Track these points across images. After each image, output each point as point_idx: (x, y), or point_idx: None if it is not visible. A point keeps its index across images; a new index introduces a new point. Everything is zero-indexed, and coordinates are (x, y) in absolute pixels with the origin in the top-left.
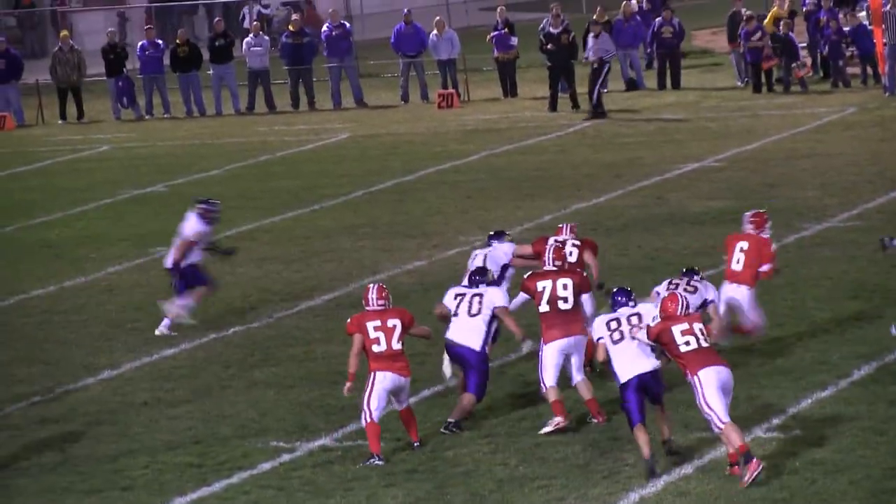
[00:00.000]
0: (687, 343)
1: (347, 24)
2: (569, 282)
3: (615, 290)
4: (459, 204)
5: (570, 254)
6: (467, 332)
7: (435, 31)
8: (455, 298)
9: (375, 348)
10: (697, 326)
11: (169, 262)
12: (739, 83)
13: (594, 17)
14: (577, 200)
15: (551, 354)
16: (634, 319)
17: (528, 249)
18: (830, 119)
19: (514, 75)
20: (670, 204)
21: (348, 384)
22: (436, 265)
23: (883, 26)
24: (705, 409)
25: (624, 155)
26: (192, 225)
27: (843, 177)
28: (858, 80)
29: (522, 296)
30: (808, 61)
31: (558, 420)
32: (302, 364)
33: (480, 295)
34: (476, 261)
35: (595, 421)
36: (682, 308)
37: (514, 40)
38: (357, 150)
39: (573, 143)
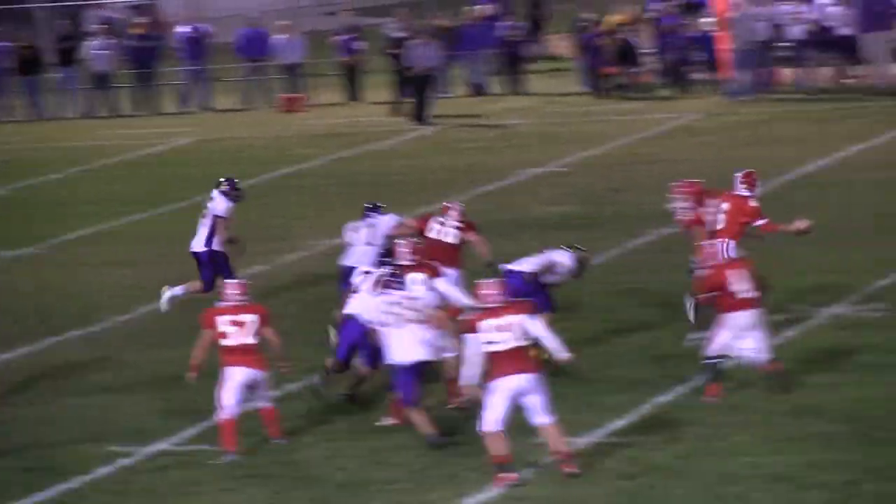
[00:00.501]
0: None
1: (203, 27)
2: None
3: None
4: (303, 208)
5: (447, 234)
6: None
7: (280, 35)
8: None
9: (227, 342)
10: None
11: (199, 245)
12: (586, 89)
13: (433, 23)
14: (422, 205)
15: None
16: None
17: (412, 223)
18: (676, 125)
19: (359, 80)
20: (513, 209)
21: (192, 374)
22: (278, 269)
23: (728, 32)
24: None
25: (467, 160)
26: (220, 204)
27: None
28: (704, 87)
29: None
30: (649, 67)
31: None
32: (141, 368)
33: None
34: (360, 234)
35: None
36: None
37: (361, 45)
38: (201, 154)
39: (417, 148)
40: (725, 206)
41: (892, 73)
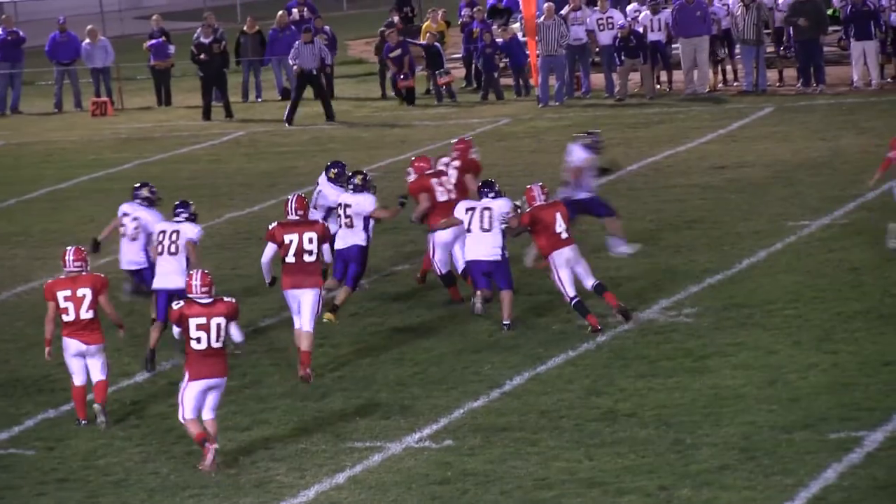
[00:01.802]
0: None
1: (16, 31)
2: (314, 235)
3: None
4: (113, 212)
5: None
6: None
7: (88, 40)
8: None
9: (65, 317)
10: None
11: (571, 193)
12: (393, 94)
13: (244, 27)
14: (231, 209)
15: (288, 299)
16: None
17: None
18: (484, 129)
19: (168, 84)
20: None
21: (47, 349)
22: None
23: (537, 38)
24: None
25: (279, 164)
26: (578, 154)
27: None
28: (512, 92)
29: (271, 246)
30: (454, 71)
31: None
32: None
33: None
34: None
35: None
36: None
37: (172, 49)
38: (11, 158)
39: (227, 152)
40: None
41: (703, 80)
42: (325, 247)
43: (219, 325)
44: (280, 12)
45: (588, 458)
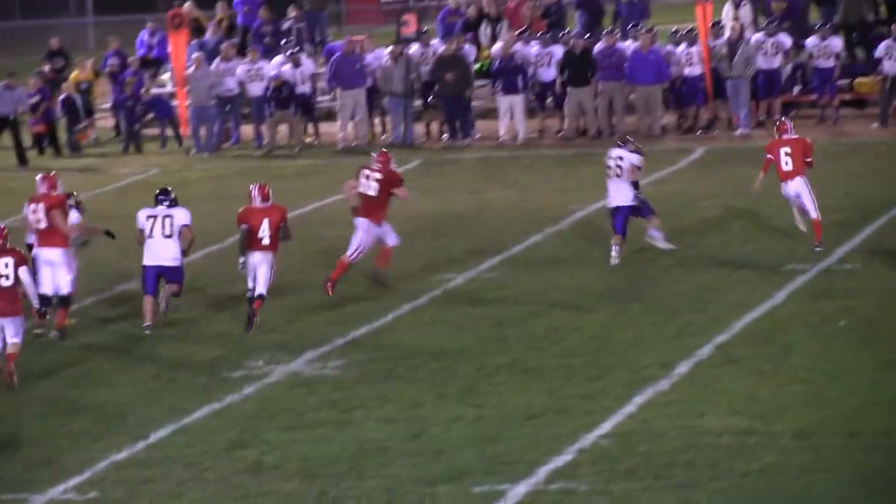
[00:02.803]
0: None
1: None
2: (10, 260)
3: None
4: None
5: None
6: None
7: None
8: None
9: None
10: None
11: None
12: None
13: None
14: None
15: None
16: None
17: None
18: (134, 180)
19: None
20: None
21: None
22: None
23: (187, 88)
24: None
25: None
26: (631, 157)
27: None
28: (162, 143)
29: None
30: (104, 121)
31: None
32: None
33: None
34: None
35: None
36: None
37: None
38: None
39: None
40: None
41: (354, 133)
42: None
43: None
44: None
45: None
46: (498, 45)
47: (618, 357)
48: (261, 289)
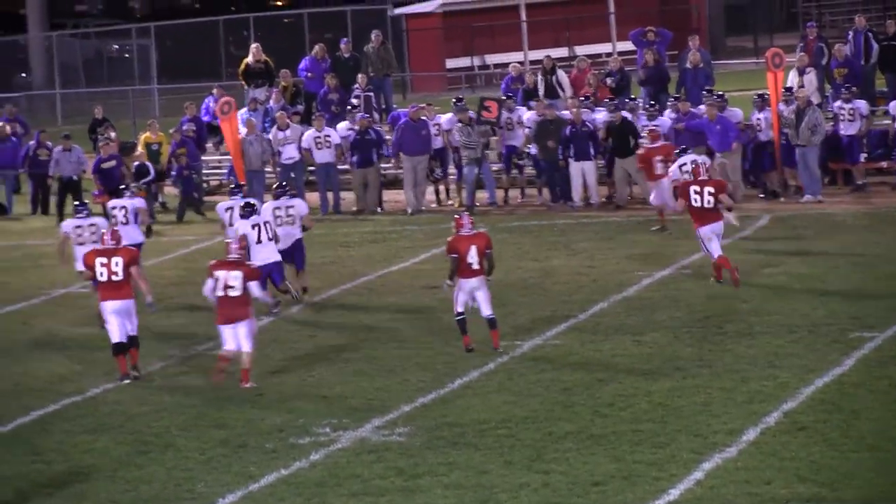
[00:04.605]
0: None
1: None
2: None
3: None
4: None
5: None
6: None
7: None
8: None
9: None
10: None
11: None
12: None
13: None
14: None
15: None
16: None
17: None
18: (199, 248)
19: None
20: (35, 329)
21: None
22: None
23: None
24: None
25: None
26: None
27: None
28: None
29: None
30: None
31: None
32: None
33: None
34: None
35: None
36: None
37: None
38: None
39: None
40: None
41: (416, 199)
42: None
43: None
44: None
45: None
46: (566, 113)
47: (685, 423)
48: (488, 311)
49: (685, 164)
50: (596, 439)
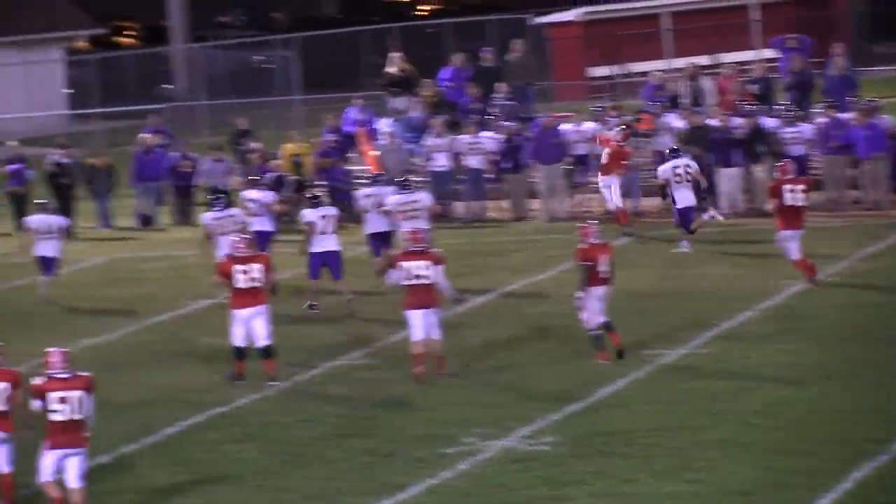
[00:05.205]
0: None
1: None
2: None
3: None
4: None
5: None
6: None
7: None
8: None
9: None
10: None
11: None
12: None
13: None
14: (88, 335)
15: None
16: None
17: None
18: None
19: (25, 209)
20: (181, 339)
21: None
22: None
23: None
24: None
25: (137, 290)
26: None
27: None
28: None
29: None
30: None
31: None
32: None
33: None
34: None
35: None
36: None
37: (30, 173)
38: None
39: (86, 279)
40: None
41: (556, 207)
42: None
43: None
44: (140, 135)
45: None
46: (714, 120)
47: (834, 431)
48: (602, 318)
49: (678, 166)
50: (744, 448)
